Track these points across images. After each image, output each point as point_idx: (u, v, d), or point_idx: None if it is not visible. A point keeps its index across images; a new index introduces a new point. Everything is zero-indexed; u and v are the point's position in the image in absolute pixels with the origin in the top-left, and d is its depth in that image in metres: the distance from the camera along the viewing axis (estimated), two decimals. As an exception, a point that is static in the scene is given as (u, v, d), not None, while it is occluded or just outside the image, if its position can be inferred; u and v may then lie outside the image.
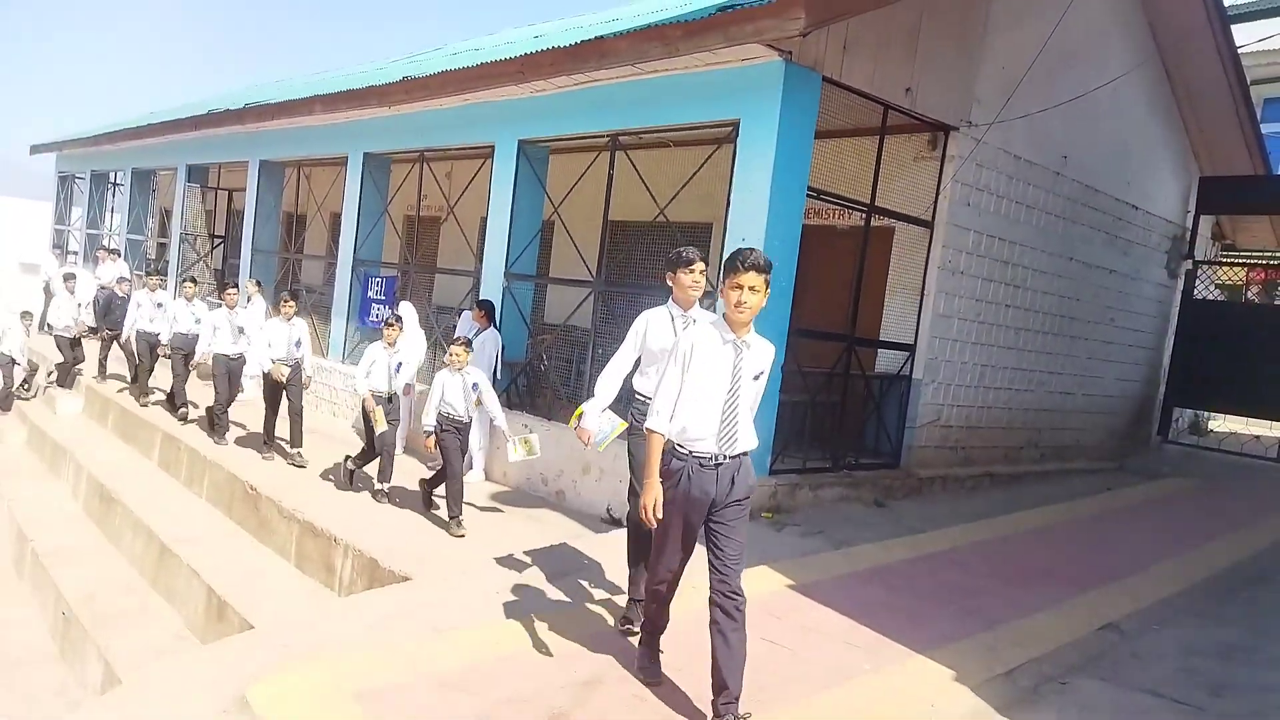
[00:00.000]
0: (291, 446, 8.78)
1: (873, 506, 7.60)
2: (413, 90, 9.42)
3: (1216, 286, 12.85)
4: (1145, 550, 6.97)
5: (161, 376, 11.29)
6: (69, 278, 13.90)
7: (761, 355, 3.59)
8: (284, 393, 8.81)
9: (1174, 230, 11.96)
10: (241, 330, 9.57)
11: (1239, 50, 10.78)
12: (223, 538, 7.74)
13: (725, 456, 3.48)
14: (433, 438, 6.84)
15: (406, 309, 9.21)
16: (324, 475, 8.22)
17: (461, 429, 6.97)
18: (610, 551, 5.78)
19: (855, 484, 7.69)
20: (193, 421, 10.02)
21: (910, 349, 8.28)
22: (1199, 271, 12.45)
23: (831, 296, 8.07)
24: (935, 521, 7.27)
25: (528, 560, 5.59)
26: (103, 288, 11.98)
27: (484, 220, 9.38)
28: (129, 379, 11.76)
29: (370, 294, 11.13)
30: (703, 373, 3.47)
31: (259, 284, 11.92)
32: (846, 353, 7.72)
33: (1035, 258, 9.37)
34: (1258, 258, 13.57)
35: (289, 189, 13.76)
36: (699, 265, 4.35)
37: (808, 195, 6.88)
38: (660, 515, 3.46)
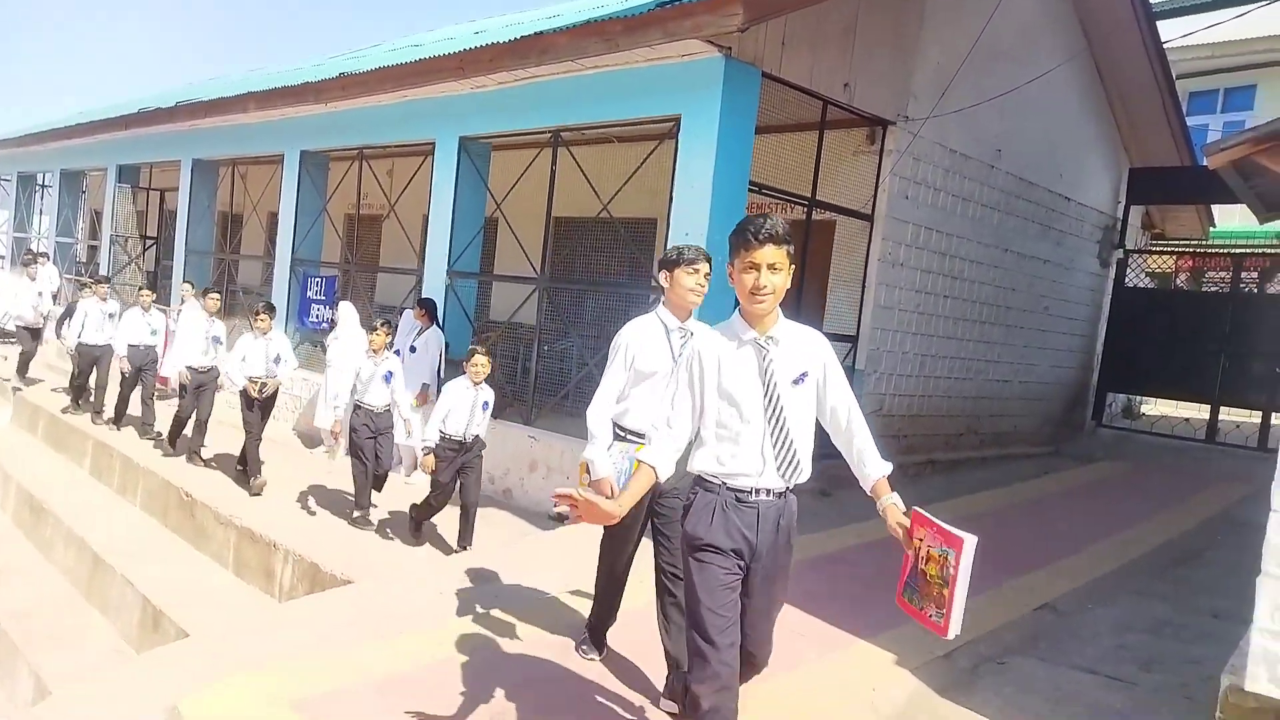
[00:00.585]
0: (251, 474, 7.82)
1: (817, 496, 7.68)
2: (350, 87, 9.28)
3: (1147, 275, 13.23)
4: (1080, 532, 7.16)
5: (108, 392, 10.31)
6: (30, 263, 13.34)
7: (801, 350, 2.81)
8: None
9: (1105, 220, 12.29)
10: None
11: (1164, 45, 11.10)
12: (158, 546, 7.54)
13: (772, 492, 2.75)
14: (431, 456, 6.15)
15: (346, 309, 9.07)
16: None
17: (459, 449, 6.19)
18: (557, 550, 5.76)
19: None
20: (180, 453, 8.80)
21: (853, 340, 8.38)
22: (1130, 260, 12.82)
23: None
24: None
25: (473, 560, 5.54)
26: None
27: (426, 218, 9.28)
28: (71, 397, 10.74)
29: (310, 294, 10.94)
30: (725, 390, 2.71)
31: (193, 286, 11.63)
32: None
33: (972, 249, 9.55)
34: (1186, 246, 14.00)
35: (224, 188, 13.46)
36: (704, 266, 3.62)
37: (750, 190, 6.92)
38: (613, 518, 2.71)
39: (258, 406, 7.83)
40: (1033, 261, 10.69)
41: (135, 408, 9.80)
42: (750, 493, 2.74)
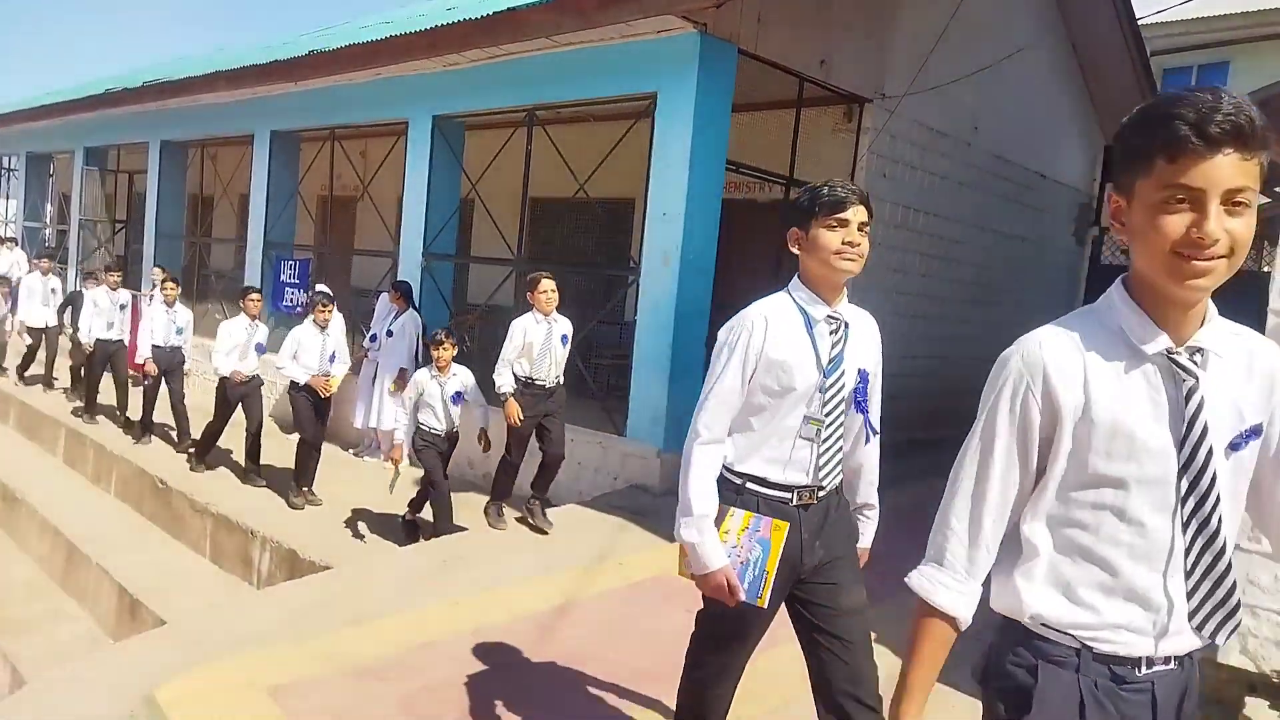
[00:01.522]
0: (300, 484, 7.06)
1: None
2: (320, 65, 9.12)
3: (1122, 252, 13.33)
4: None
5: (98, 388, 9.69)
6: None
7: (868, 335, 2.58)
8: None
9: (1081, 198, 12.35)
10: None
11: (1138, 22, 11.13)
12: (133, 535, 7.47)
13: (1174, 660, 1.41)
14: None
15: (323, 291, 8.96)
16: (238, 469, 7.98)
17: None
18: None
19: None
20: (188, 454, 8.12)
21: (832, 320, 8.37)
22: (1105, 238, 12.90)
23: (754, 269, 8.10)
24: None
25: (451, 545, 5.51)
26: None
27: (400, 199, 9.16)
28: (84, 401, 9.82)
29: (284, 277, 10.79)
30: (1110, 450, 1.39)
31: (164, 270, 11.45)
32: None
33: (950, 227, 9.56)
34: (1159, 224, 14.09)
35: (193, 170, 13.24)
36: (859, 212, 2.31)
37: (728, 168, 6.88)
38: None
39: (319, 408, 7.01)
40: (1010, 239, 10.73)
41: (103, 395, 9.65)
42: (1139, 665, 1.41)
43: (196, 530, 6.97)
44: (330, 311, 7.11)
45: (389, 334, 8.09)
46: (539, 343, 5.66)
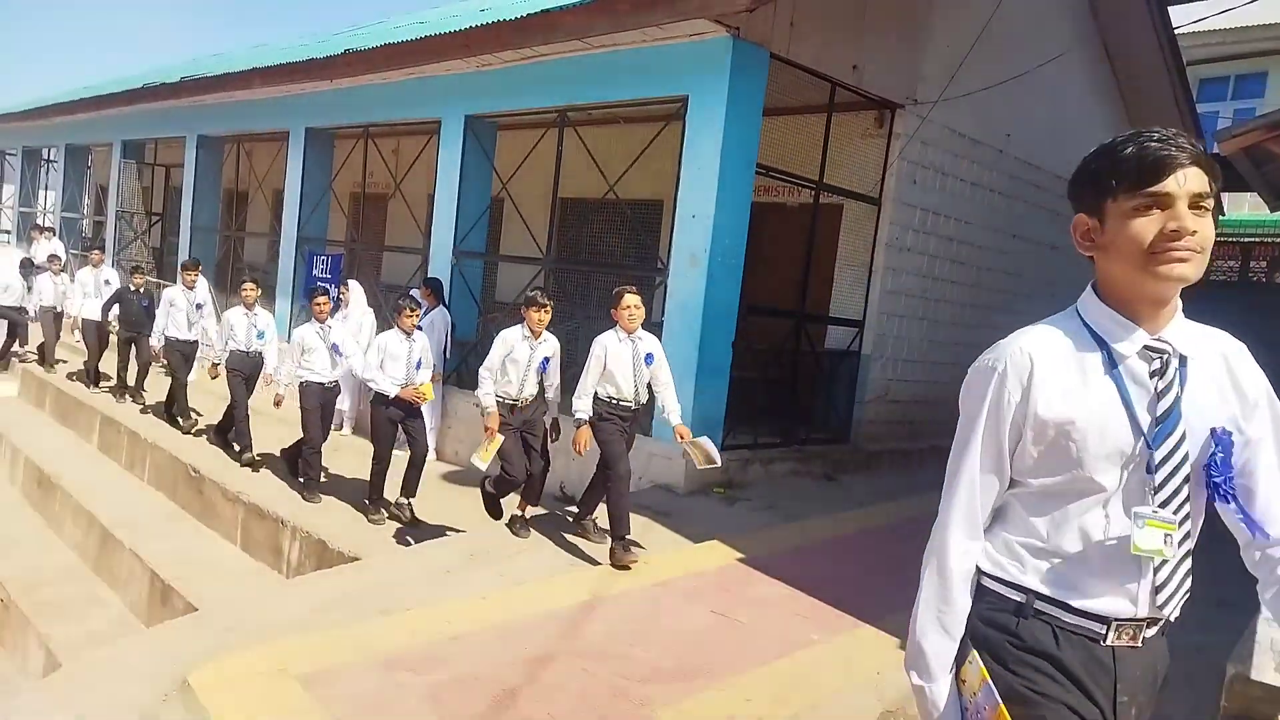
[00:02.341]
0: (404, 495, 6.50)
1: (823, 480, 7.71)
2: (355, 64, 9.23)
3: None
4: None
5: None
6: (53, 258, 13.30)
7: (1227, 373, 1.63)
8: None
9: (1113, 207, 12.22)
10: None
11: (1175, 31, 11.02)
12: (166, 521, 7.59)
13: (1145, 631, 1.58)
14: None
15: (354, 288, 9.08)
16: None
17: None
18: (562, 529, 5.79)
19: (806, 459, 7.78)
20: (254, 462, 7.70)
21: (859, 325, 8.37)
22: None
23: (782, 273, 8.12)
24: (883, 494, 7.39)
25: (477, 539, 5.57)
26: (137, 290, 9.72)
27: (431, 197, 9.26)
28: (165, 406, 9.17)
29: (315, 272, 10.92)
30: (1069, 444, 1.53)
31: (197, 263, 11.61)
32: (796, 329, 7.79)
33: (980, 234, 9.52)
34: (1193, 234, 13.92)
35: (229, 165, 13.42)
36: (1196, 175, 1.51)
37: (757, 172, 6.90)
38: None
39: (406, 421, 6.45)
40: (1040, 247, 10.66)
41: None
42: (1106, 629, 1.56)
43: (228, 518, 7.08)
44: (416, 316, 6.59)
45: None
46: (625, 363, 5.26)
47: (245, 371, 7.91)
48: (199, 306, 8.93)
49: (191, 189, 13.45)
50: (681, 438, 5.28)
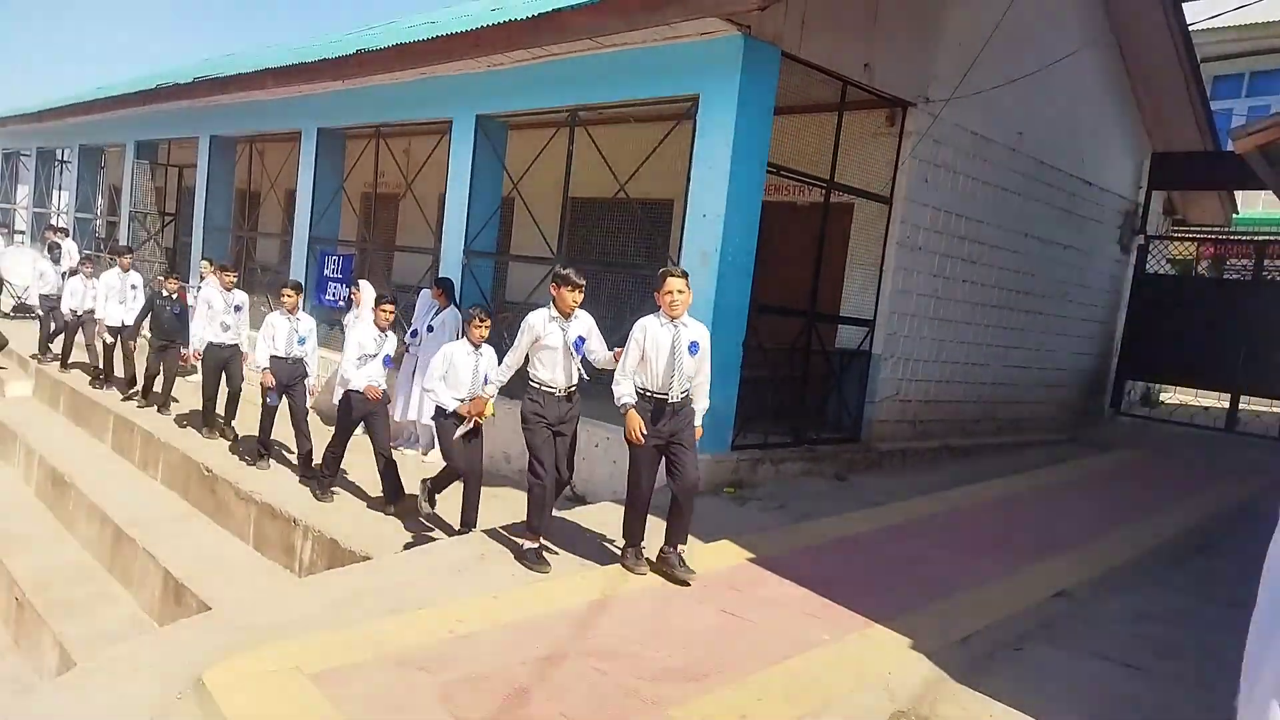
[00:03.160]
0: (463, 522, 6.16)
1: (833, 480, 7.69)
2: (367, 63, 9.26)
3: (1168, 261, 13.11)
4: (1097, 519, 7.13)
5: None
6: (54, 247, 13.30)
7: None
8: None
9: (1126, 206, 12.17)
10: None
11: (1189, 28, 10.94)
12: (179, 521, 7.63)
13: None
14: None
15: (365, 287, 9.09)
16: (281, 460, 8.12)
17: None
18: (572, 528, 5.78)
19: (816, 458, 7.76)
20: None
21: (870, 324, 8.35)
22: (1151, 246, 12.69)
23: (792, 273, 8.10)
24: (894, 494, 7.37)
25: (489, 538, 5.57)
26: (169, 297, 9.30)
27: (442, 197, 9.27)
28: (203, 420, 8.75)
29: (327, 272, 10.97)
30: None
31: (211, 263, 11.67)
32: (807, 328, 7.77)
33: (991, 233, 9.48)
34: (1208, 233, 13.86)
35: (241, 165, 13.49)
36: None
37: (768, 171, 6.88)
38: None
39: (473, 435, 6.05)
40: (1053, 247, 10.61)
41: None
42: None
43: (240, 517, 7.12)
44: (487, 327, 6.16)
45: (429, 329, 8.19)
46: (663, 349, 4.82)
47: (284, 379, 7.53)
48: (237, 309, 8.60)
49: (204, 189, 13.52)
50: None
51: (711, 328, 6.62)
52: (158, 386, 9.62)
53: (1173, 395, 15.10)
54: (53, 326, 12.33)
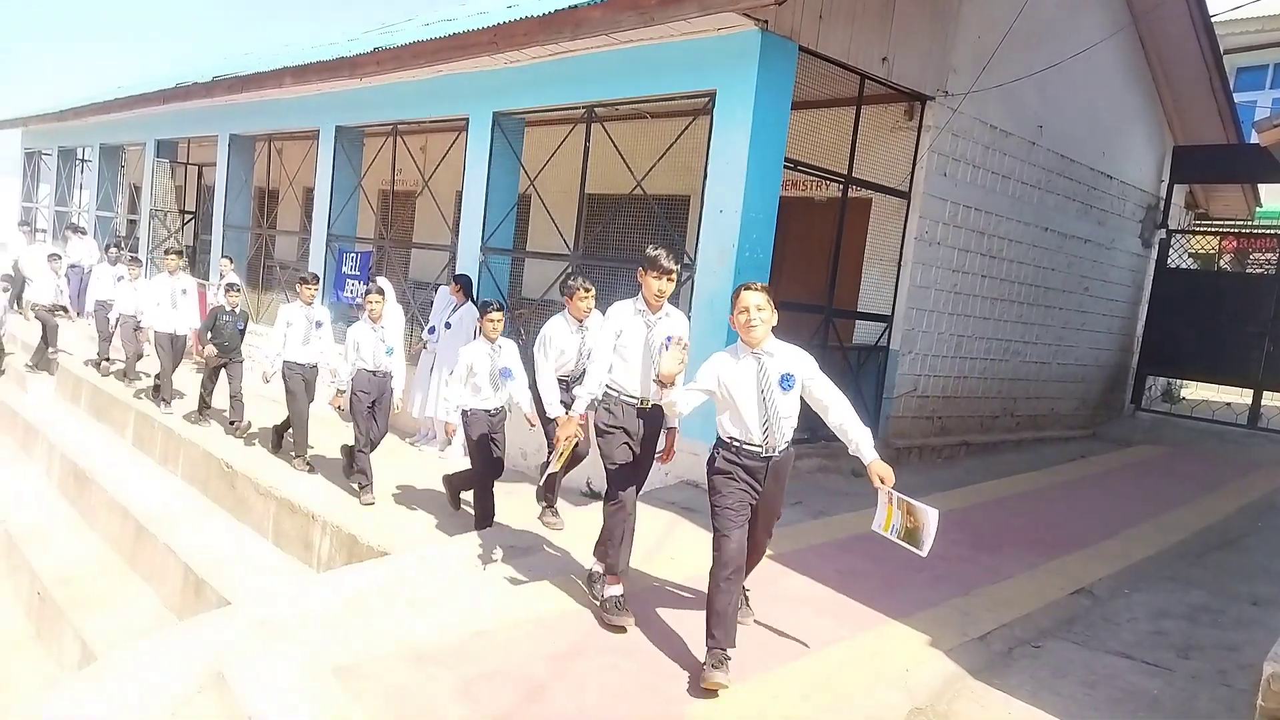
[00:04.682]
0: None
1: (850, 477, 7.65)
2: (384, 61, 9.28)
3: (1190, 255, 12.96)
4: (1117, 516, 7.07)
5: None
6: (53, 257, 13.34)
7: None
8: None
9: (1148, 199, 12.04)
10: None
11: (1212, 19, 10.81)
12: (199, 516, 7.70)
13: None
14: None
15: (384, 284, 9.13)
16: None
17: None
18: (588, 525, 5.79)
19: (833, 455, 7.72)
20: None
21: (887, 320, 8.30)
22: (1172, 240, 12.55)
23: (809, 268, 8.07)
24: (912, 490, 7.24)
25: (506, 534, 5.59)
26: (232, 311, 8.75)
27: (459, 194, 9.30)
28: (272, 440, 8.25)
29: (345, 269, 11.03)
30: None
31: (231, 261, 11.75)
32: (824, 324, 7.73)
33: (1011, 228, 9.41)
34: (1230, 227, 13.69)
35: (260, 163, 13.57)
36: None
37: (785, 166, 6.86)
38: None
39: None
40: (1073, 241, 10.51)
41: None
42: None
43: (260, 513, 7.17)
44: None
45: (448, 326, 8.22)
46: (748, 388, 3.81)
47: (373, 393, 6.92)
48: (318, 324, 7.90)
49: (224, 187, 13.61)
50: None
51: (727, 323, 6.62)
52: (218, 403, 9.04)
53: (1194, 391, 14.94)
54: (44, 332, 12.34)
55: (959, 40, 8.06)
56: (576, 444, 4.56)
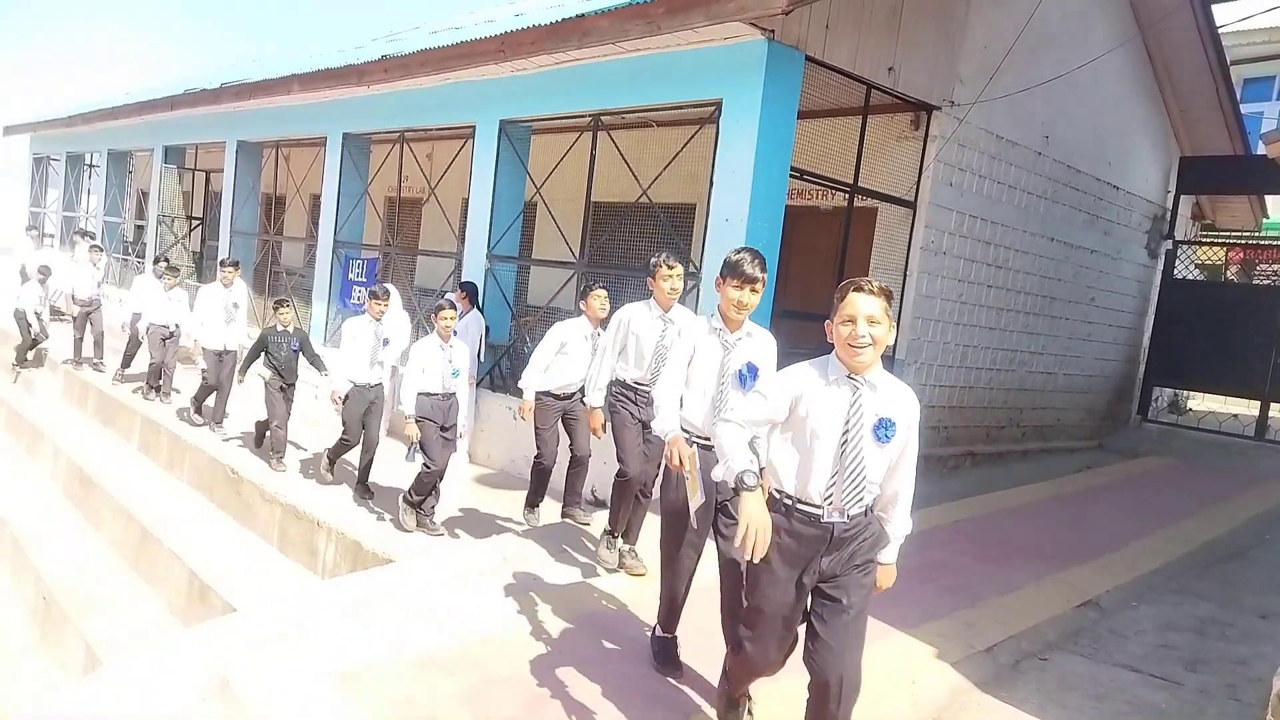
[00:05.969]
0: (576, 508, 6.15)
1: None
2: (392, 69, 9.32)
3: (1196, 266, 12.93)
4: (1124, 528, 7.04)
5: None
6: (95, 249, 13.15)
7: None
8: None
9: (1154, 210, 12.03)
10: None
11: (1219, 30, 10.81)
12: (204, 521, 7.70)
13: None
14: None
15: (390, 291, 9.15)
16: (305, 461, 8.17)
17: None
18: (592, 532, 5.79)
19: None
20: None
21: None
22: (1179, 251, 12.53)
23: (815, 277, 8.06)
24: (917, 501, 7.28)
25: (511, 541, 5.59)
26: (285, 330, 7.95)
27: (466, 201, 9.32)
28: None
29: (351, 276, 11.05)
30: None
31: (237, 266, 11.76)
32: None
33: (1017, 238, 9.40)
34: (1237, 237, 13.66)
35: (267, 170, 13.61)
36: None
37: (791, 175, 6.86)
38: None
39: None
40: (1079, 251, 10.50)
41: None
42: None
43: (265, 519, 7.17)
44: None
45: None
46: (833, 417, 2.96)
47: (440, 420, 6.25)
48: (386, 342, 7.22)
49: (231, 193, 13.65)
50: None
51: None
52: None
53: (1201, 402, 14.89)
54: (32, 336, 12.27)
55: (965, 50, 8.06)
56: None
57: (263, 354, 7.94)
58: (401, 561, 5.51)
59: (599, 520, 6.02)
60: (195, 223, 16.42)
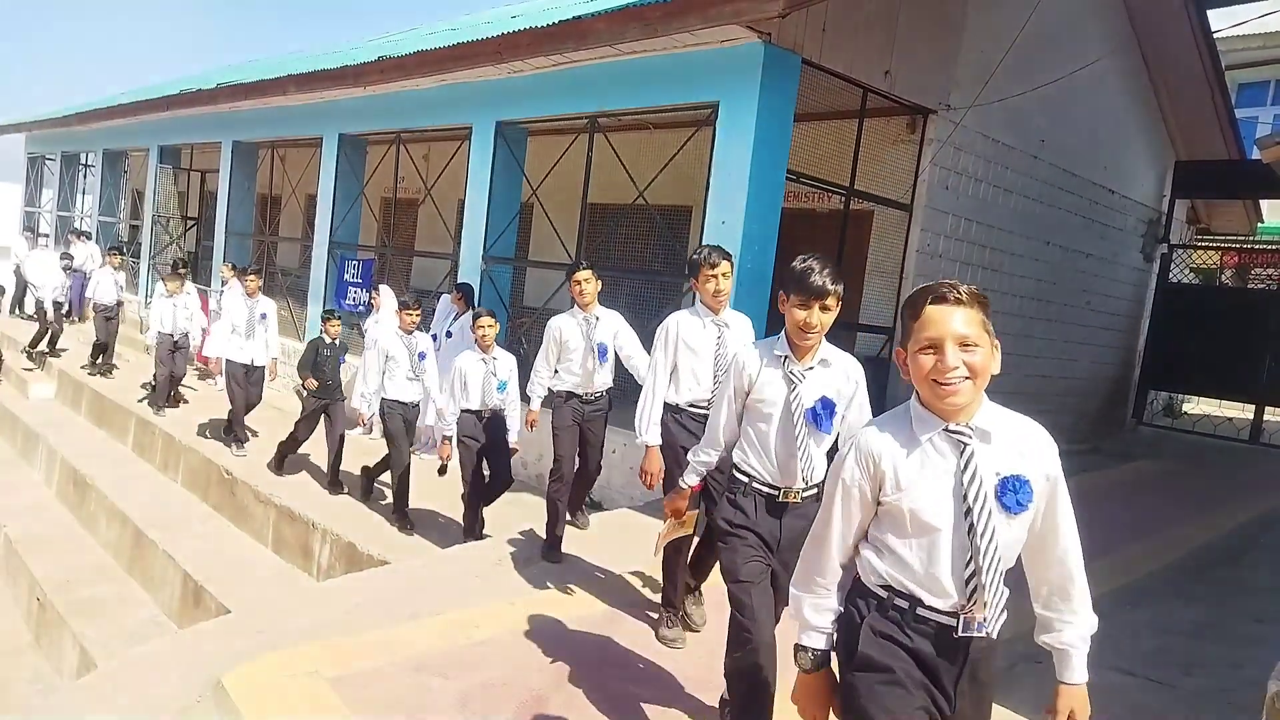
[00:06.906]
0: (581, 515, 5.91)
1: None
2: (388, 70, 9.31)
3: (1191, 270, 12.98)
4: (1119, 531, 7.05)
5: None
6: (113, 250, 12.99)
7: None
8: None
9: (1150, 214, 12.06)
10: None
11: (1214, 35, 10.85)
12: (199, 523, 7.69)
13: None
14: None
15: (385, 292, 9.15)
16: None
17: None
18: (588, 536, 5.78)
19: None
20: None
21: (889, 332, 8.30)
22: (1174, 255, 12.57)
23: (811, 280, 8.06)
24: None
25: (507, 544, 5.57)
26: (333, 343, 7.54)
27: (462, 203, 9.31)
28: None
29: (347, 277, 11.04)
30: None
31: (234, 267, 11.76)
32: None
33: (1012, 241, 9.42)
34: (1232, 242, 13.71)
35: (263, 170, 13.60)
36: None
37: (787, 178, 6.87)
38: None
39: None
40: (1075, 255, 10.52)
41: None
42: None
43: (259, 520, 7.16)
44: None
45: (449, 335, 8.22)
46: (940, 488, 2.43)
47: (482, 440, 5.78)
48: (421, 356, 6.68)
49: (226, 194, 13.63)
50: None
51: (730, 335, 6.62)
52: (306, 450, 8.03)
53: (1196, 406, 14.94)
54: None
55: (962, 54, 8.08)
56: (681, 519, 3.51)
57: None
58: (397, 563, 5.50)
59: (599, 520, 6.02)
60: (190, 223, 16.38)
